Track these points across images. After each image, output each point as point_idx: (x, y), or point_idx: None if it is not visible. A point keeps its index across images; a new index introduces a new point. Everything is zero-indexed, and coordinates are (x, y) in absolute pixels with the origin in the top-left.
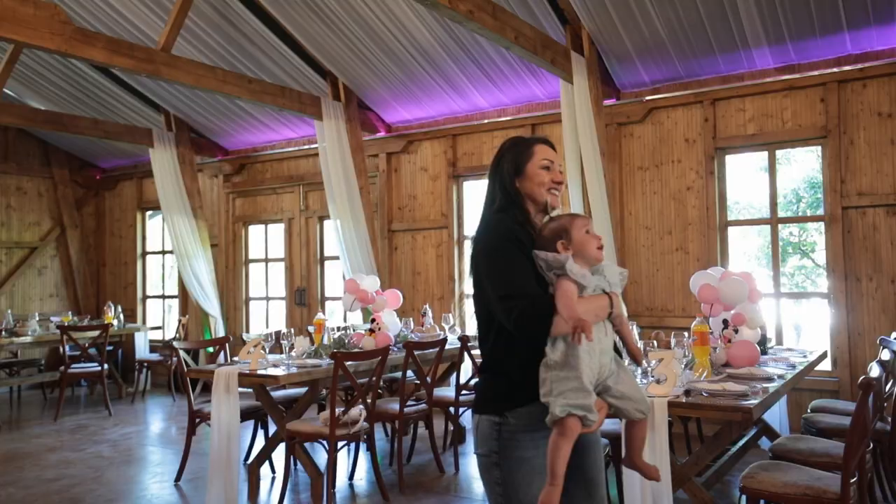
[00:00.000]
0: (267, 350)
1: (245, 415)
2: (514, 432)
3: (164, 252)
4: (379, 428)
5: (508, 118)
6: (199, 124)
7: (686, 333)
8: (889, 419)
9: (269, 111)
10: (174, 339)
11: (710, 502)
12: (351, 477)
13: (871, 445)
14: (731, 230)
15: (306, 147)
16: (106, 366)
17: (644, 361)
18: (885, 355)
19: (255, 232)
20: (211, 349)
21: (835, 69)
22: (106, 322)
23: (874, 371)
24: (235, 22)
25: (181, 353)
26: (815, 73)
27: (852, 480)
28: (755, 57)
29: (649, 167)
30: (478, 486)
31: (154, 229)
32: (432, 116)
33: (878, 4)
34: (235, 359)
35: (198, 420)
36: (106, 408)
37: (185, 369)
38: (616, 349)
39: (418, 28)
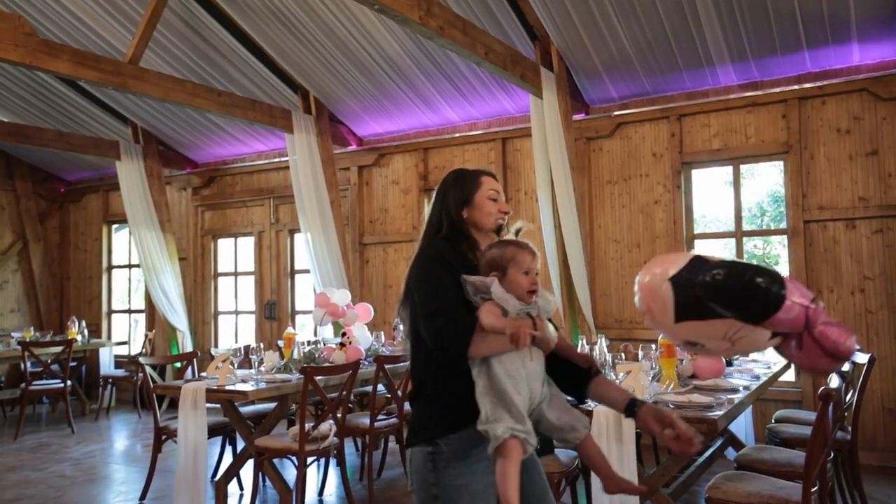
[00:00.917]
0: (235, 365)
1: (213, 431)
2: (449, 460)
3: (130, 266)
4: (349, 443)
5: (479, 132)
6: (168, 137)
7: (653, 346)
8: (849, 428)
9: (239, 124)
10: (140, 354)
11: None
12: (320, 493)
13: (832, 454)
14: (698, 243)
15: (277, 160)
16: (69, 382)
17: (612, 372)
18: (845, 366)
19: (225, 245)
20: (178, 364)
21: (795, 86)
22: (69, 337)
23: (834, 382)
24: (205, 35)
25: (147, 368)
26: (777, 90)
27: (813, 489)
28: (719, 74)
29: (618, 181)
30: None
31: (120, 243)
32: (403, 130)
33: (836, 24)
34: (203, 374)
35: (164, 437)
36: (69, 425)
37: (151, 385)
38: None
39: (389, 42)
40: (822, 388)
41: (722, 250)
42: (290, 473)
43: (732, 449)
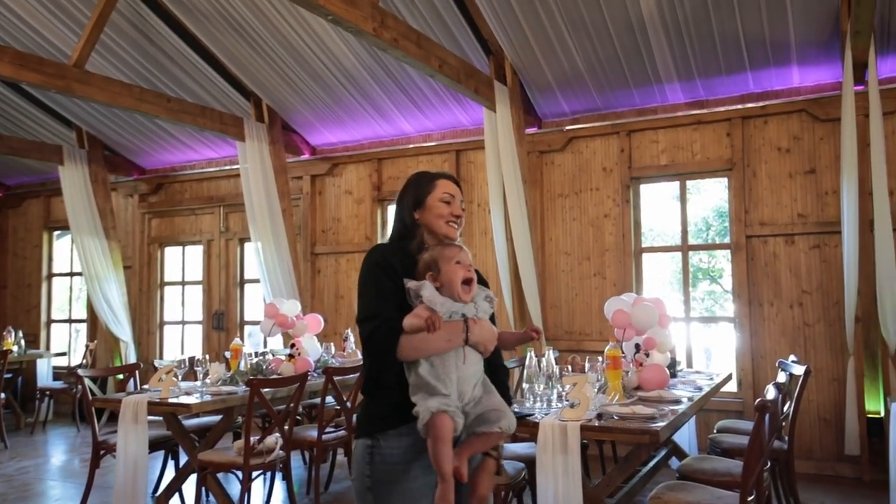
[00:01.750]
0: (179, 377)
1: (155, 445)
2: (387, 456)
3: (72, 274)
4: (297, 456)
5: (434, 143)
6: (114, 142)
7: (600, 358)
8: (786, 438)
9: (189, 131)
10: (80, 365)
11: None
12: None
13: (770, 464)
14: (646, 256)
15: (228, 168)
16: (2, 395)
17: (559, 384)
18: (782, 377)
19: (172, 254)
20: (121, 376)
21: (739, 106)
22: (4, 348)
23: (770, 393)
24: (155, 39)
25: (86, 380)
26: (722, 108)
27: (750, 498)
28: (667, 92)
29: (569, 194)
30: None
31: (62, 250)
32: (357, 140)
33: (777, 47)
34: (145, 386)
35: (102, 452)
36: (1, 440)
37: (90, 398)
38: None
39: (344, 52)
40: (758, 400)
41: (668, 263)
42: (234, 488)
43: (676, 459)
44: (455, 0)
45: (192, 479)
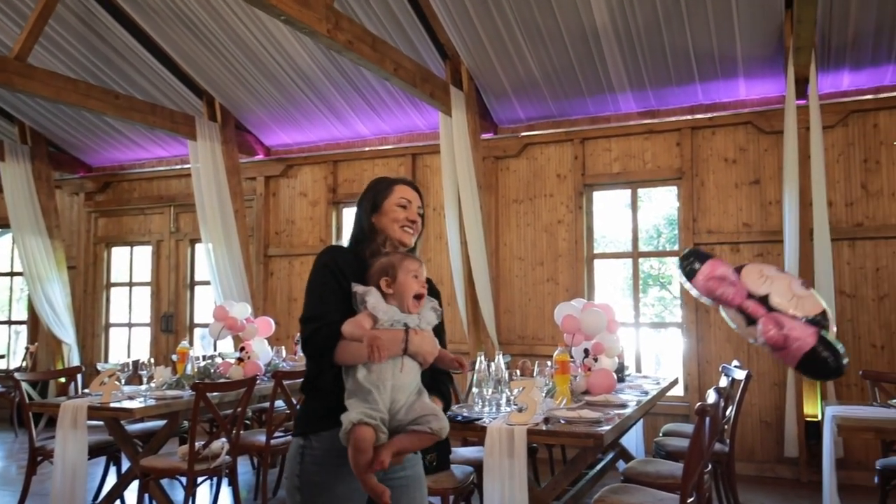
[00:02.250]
0: (122, 381)
1: (96, 451)
2: (317, 457)
3: (12, 274)
4: (246, 461)
5: (390, 147)
6: (60, 138)
7: (549, 362)
8: (728, 441)
9: (138, 128)
10: (19, 368)
11: None
12: None
13: (711, 466)
14: (598, 262)
15: (179, 167)
16: None
17: (507, 389)
18: (723, 382)
19: (120, 254)
20: (63, 380)
21: (688, 116)
22: None
23: (711, 397)
24: (103, 34)
25: (23, 384)
26: (672, 119)
27: (690, 500)
28: (620, 101)
29: (524, 200)
30: None
31: (2, 249)
32: (313, 141)
33: (724, 61)
34: (86, 391)
35: (40, 458)
36: None
37: (27, 402)
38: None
39: (299, 53)
40: (698, 404)
41: (620, 269)
42: (179, 495)
43: (623, 462)
44: (412, 4)
45: (135, 485)
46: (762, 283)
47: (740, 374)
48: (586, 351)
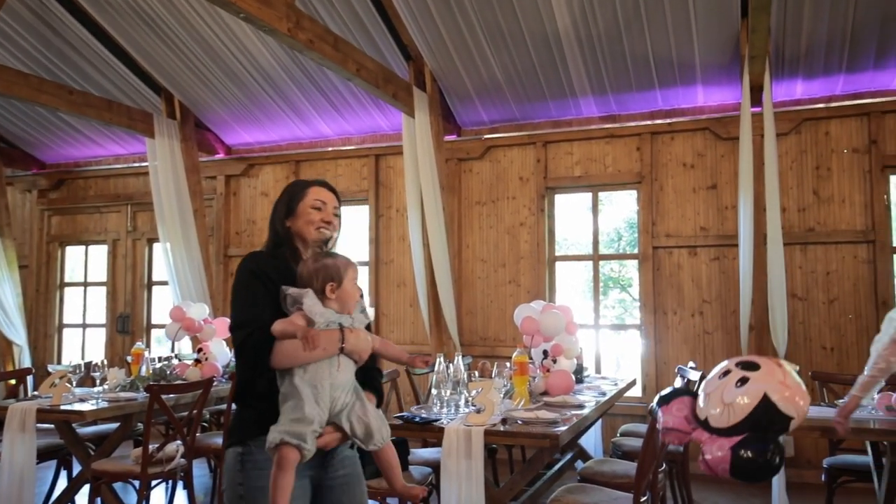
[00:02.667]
0: (74, 383)
1: (46, 454)
2: (258, 462)
3: None
4: (203, 464)
5: (353, 147)
6: (11, 134)
7: (508, 364)
8: None
9: (94, 125)
10: None
11: None
12: None
13: (666, 466)
14: (559, 265)
15: (136, 165)
16: None
17: (465, 390)
18: (678, 383)
19: (74, 253)
20: (13, 381)
21: (648, 122)
22: None
23: None
24: (58, 28)
25: None
26: (632, 124)
27: (643, 499)
28: (581, 105)
29: (486, 202)
30: None
31: None
32: (275, 141)
33: (683, 68)
34: (35, 393)
35: None
36: None
37: None
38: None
39: (261, 51)
40: (651, 405)
41: (581, 272)
42: (133, 499)
43: (582, 462)
44: (375, 5)
45: (86, 490)
46: (702, 405)
47: (695, 375)
48: (545, 352)
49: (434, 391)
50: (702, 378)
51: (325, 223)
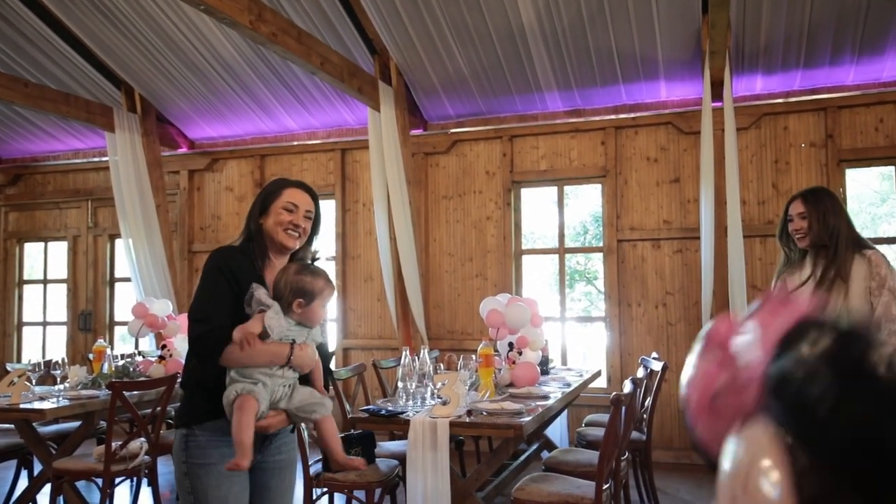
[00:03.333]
0: (34, 381)
1: (6, 454)
2: (201, 442)
3: None
4: (168, 461)
5: (318, 142)
6: None
7: (474, 356)
8: (646, 430)
9: (52, 119)
10: None
11: None
12: None
13: (629, 454)
14: (526, 258)
15: (96, 159)
16: None
17: (431, 382)
18: (640, 373)
19: (33, 250)
20: None
21: (612, 116)
22: None
23: (627, 387)
24: (11, 19)
25: None
26: (597, 118)
27: (606, 487)
28: (547, 100)
29: (453, 196)
30: None
31: None
32: (239, 135)
33: (646, 63)
34: None
35: None
36: None
37: None
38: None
39: (223, 43)
40: (613, 394)
41: (548, 265)
42: (97, 497)
43: (547, 452)
44: None
45: (48, 489)
46: None
47: (657, 366)
48: (511, 344)
49: (400, 384)
50: (664, 369)
51: (293, 226)
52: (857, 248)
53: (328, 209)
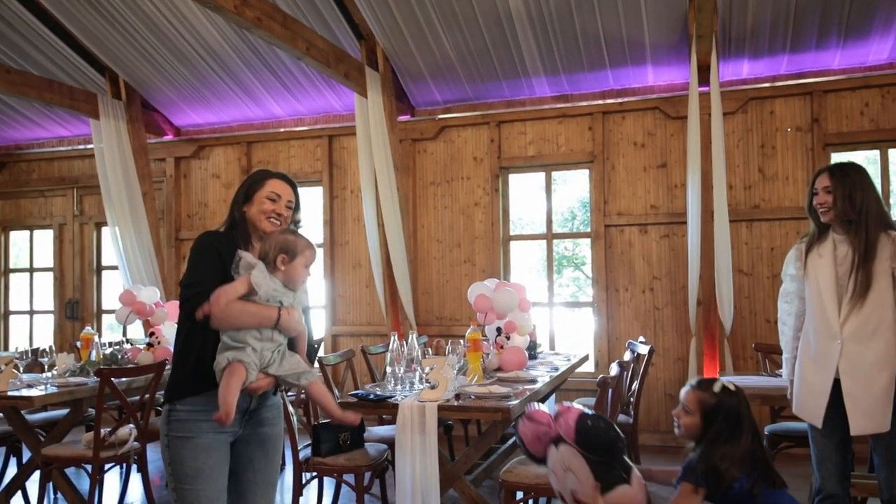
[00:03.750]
0: (21, 369)
1: None
2: (181, 417)
3: None
4: (158, 447)
5: (305, 128)
6: None
7: (462, 341)
8: (632, 413)
9: (36, 106)
10: None
11: (477, 498)
12: (121, 501)
13: None
14: (514, 244)
15: (81, 147)
16: None
17: (419, 367)
18: (627, 356)
19: (18, 238)
20: None
21: (600, 101)
22: None
23: (613, 370)
24: None
25: None
26: (584, 103)
27: None
28: (534, 85)
29: (441, 182)
30: None
31: None
32: (225, 122)
33: (633, 48)
34: None
35: None
36: None
37: None
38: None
39: (208, 29)
40: (600, 377)
41: (536, 251)
42: (87, 484)
43: None
44: None
45: (37, 476)
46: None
47: (644, 349)
48: (499, 329)
49: (389, 369)
50: (651, 352)
51: (276, 214)
52: (884, 227)
53: (316, 196)
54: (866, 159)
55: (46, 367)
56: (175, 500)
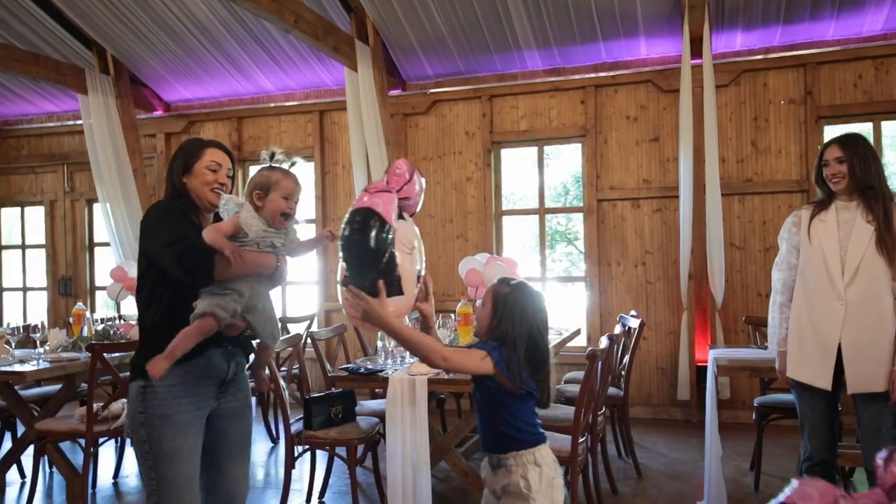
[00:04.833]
0: (13, 345)
1: None
2: (159, 394)
3: None
4: None
5: (296, 103)
6: None
7: (452, 315)
8: (623, 386)
9: (22, 81)
10: None
11: (468, 470)
12: (116, 475)
13: (607, 410)
14: (506, 219)
15: (70, 123)
16: None
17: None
18: (618, 330)
19: (10, 215)
20: None
21: (592, 75)
22: None
23: (603, 343)
24: None
25: None
26: (577, 77)
27: (581, 440)
28: (526, 58)
29: (433, 157)
30: (255, 475)
31: None
32: (215, 97)
33: (626, 20)
34: None
35: None
36: None
37: None
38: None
39: (195, 1)
40: (588, 350)
41: (529, 226)
42: (81, 458)
43: None
44: None
45: (31, 451)
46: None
47: (635, 323)
48: None
49: (380, 343)
50: (642, 326)
51: (219, 185)
52: (889, 198)
53: (307, 172)
54: (860, 132)
55: (38, 342)
56: (151, 481)
